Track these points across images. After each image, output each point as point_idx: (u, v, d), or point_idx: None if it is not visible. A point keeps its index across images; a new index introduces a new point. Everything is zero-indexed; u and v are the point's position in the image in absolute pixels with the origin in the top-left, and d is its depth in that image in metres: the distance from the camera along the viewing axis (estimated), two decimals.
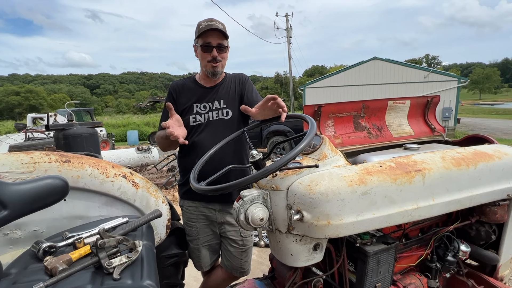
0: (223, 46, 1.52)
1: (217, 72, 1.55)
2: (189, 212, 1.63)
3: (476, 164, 1.20)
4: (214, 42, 1.49)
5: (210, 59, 1.50)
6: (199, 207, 1.60)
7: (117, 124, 21.43)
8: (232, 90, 1.62)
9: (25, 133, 7.06)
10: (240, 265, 1.60)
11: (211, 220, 1.60)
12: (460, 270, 1.42)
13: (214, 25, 1.47)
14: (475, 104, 52.18)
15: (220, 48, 1.51)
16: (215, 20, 1.50)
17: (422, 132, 1.89)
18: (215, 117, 1.56)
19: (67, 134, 3.62)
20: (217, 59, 1.51)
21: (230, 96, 1.59)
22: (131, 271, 0.79)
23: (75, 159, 1.17)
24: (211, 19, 1.50)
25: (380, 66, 14.32)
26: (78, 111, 12.80)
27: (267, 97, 1.19)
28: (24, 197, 0.78)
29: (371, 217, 0.98)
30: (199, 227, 1.61)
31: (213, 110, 1.56)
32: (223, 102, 1.57)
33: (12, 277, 0.78)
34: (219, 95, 1.59)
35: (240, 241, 1.58)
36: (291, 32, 21.36)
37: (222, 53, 1.53)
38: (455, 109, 13.11)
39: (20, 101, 43.27)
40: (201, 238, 1.62)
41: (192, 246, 1.64)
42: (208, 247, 1.64)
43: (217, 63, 1.52)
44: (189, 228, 1.64)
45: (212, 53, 1.50)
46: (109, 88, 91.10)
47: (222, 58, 1.54)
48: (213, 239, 1.64)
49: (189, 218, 1.62)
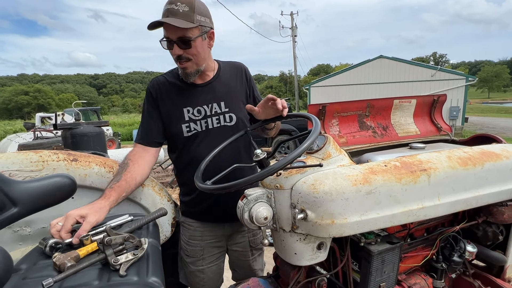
0: (186, 39, 1.10)
1: (190, 74, 1.20)
2: (192, 229, 1.38)
3: (483, 163, 1.18)
4: (172, 36, 1.10)
5: (174, 57, 1.17)
6: (205, 224, 1.38)
7: (123, 123, 21.68)
8: (232, 87, 1.33)
9: (33, 132, 7.17)
10: (255, 274, 1.49)
11: (218, 235, 1.40)
12: (467, 270, 1.40)
13: (170, 10, 1.07)
14: (484, 102, 51.30)
15: (183, 43, 1.11)
16: (175, 2, 1.07)
17: (428, 131, 1.87)
18: (215, 124, 1.28)
19: (75, 133, 3.67)
20: (182, 57, 1.15)
21: (232, 96, 1.31)
22: (137, 268, 0.80)
23: (83, 157, 1.19)
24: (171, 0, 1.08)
25: (386, 65, 14.18)
26: (85, 111, 12.96)
27: (267, 97, 1.12)
28: (34, 195, 0.80)
29: (376, 216, 0.98)
30: (203, 245, 1.38)
31: (213, 115, 1.28)
32: (224, 104, 1.28)
33: (22, 273, 0.80)
34: (217, 95, 1.28)
35: (249, 252, 1.45)
36: (296, 30, 21.29)
37: (188, 48, 1.13)
38: (463, 108, 12.93)
39: (29, 100, 44.03)
40: (206, 258, 1.39)
41: (193, 269, 1.39)
42: (215, 267, 1.42)
43: (185, 63, 1.16)
44: (191, 248, 1.38)
45: (173, 50, 1.14)
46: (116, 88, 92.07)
47: (191, 54, 1.15)
48: (220, 257, 1.45)
49: (192, 236, 1.38)
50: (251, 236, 1.45)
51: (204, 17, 1.14)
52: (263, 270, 1.56)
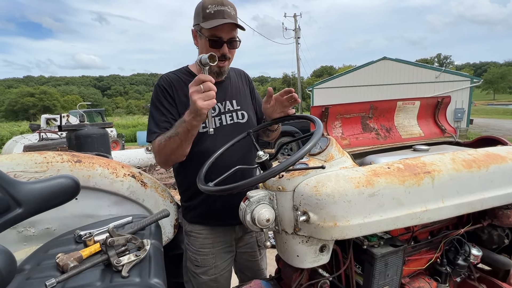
0: (235, 40, 1.20)
1: (224, 72, 1.28)
2: (202, 237, 1.33)
3: (488, 166, 1.17)
4: (225, 36, 1.17)
5: (218, 55, 1.16)
6: (216, 229, 1.34)
7: (127, 125, 21.84)
8: (241, 88, 1.40)
9: (39, 133, 7.25)
10: (262, 274, 1.50)
11: (229, 240, 1.37)
12: (472, 274, 1.38)
13: (226, 12, 1.14)
14: (489, 104, 50.83)
15: (231, 43, 1.20)
16: (227, 5, 1.15)
17: (432, 133, 1.85)
18: (229, 121, 1.31)
19: (79, 134, 3.71)
20: (226, 57, 1.22)
21: (242, 96, 1.38)
22: (139, 269, 0.81)
23: (86, 159, 1.20)
24: (222, 2, 1.15)
25: (390, 66, 14.14)
26: (90, 112, 13.10)
27: (285, 89, 1.14)
28: (38, 196, 0.81)
29: (379, 219, 0.97)
30: (215, 252, 1.33)
31: (226, 112, 1.32)
32: (235, 102, 1.34)
33: (26, 273, 0.81)
34: (230, 94, 1.34)
35: (257, 251, 1.46)
36: (299, 32, 21.32)
37: (233, 48, 1.23)
38: (468, 110, 12.82)
39: (35, 102, 44.59)
40: (219, 265, 1.34)
41: (205, 279, 1.33)
42: (226, 274, 1.38)
43: (225, 61, 1.24)
44: (202, 258, 1.32)
45: (222, 49, 1.19)
46: (120, 89, 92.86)
47: (232, 54, 1.25)
48: (231, 262, 1.42)
49: (202, 244, 1.32)
50: (258, 235, 1.47)
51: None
52: (267, 269, 1.57)
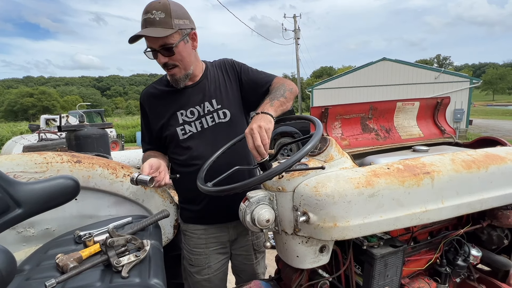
0: (168, 46, 1.11)
1: (179, 79, 1.21)
2: (196, 237, 1.34)
3: (487, 166, 1.17)
4: (154, 46, 1.11)
5: (161, 65, 1.17)
6: (209, 229, 1.34)
7: (127, 125, 21.83)
8: (221, 82, 1.32)
9: (38, 134, 7.24)
10: (258, 278, 1.47)
11: (223, 242, 1.38)
12: (471, 275, 1.39)
13: (148, 20, 1.07)
14: (488, 105, 50.91)
15: (166, 50, 1.12)
16: (151, 11, 1.07)
17: (431, 134, 1.86)
18: (210, 122, 1.27)
19: (79, 135, 3.70)
20: (168, 65, 1.16)
21: (222, 92, 1.30)
22: (139, 269, 0.81)
23: (86, 159, 1.20)
24: (147, 9, 1.08)
25: (390, 67, 14.16)
26: (89, 113, 13.08)
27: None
28: (37, 196, 0.81)
29: (378, 219, 0.97)
30: (208, 253, 1.34)
31: (206, 114, 1.27)
32: (215, 102, 1.28)
33: (25, 274, 0.81)
34: (208, 94, 1.28)
35: (252, 255, 1.44)
36: (299, 33, 21.34)
37: (172, 55, 1.13)
38: (467, 111, 12.84)
39: (34, 102, 44.56)
40: (212, 266, 1.35)
41: (198, 279, 1.35)
42: (221, 274, 1.39)
43: (172, 70, 1.17)
44: (195, 257, 1.34)
45: (158, 59, 1.14)
46: (119, 90, 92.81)
47: (176, 60, 1.15)
48: (225, 263, 1.42)
49: (196, 244, 1.34)
50: (254, 239, 1.45)
51: (182, 19, 1.12)
52: (264, 273, 1.56)
